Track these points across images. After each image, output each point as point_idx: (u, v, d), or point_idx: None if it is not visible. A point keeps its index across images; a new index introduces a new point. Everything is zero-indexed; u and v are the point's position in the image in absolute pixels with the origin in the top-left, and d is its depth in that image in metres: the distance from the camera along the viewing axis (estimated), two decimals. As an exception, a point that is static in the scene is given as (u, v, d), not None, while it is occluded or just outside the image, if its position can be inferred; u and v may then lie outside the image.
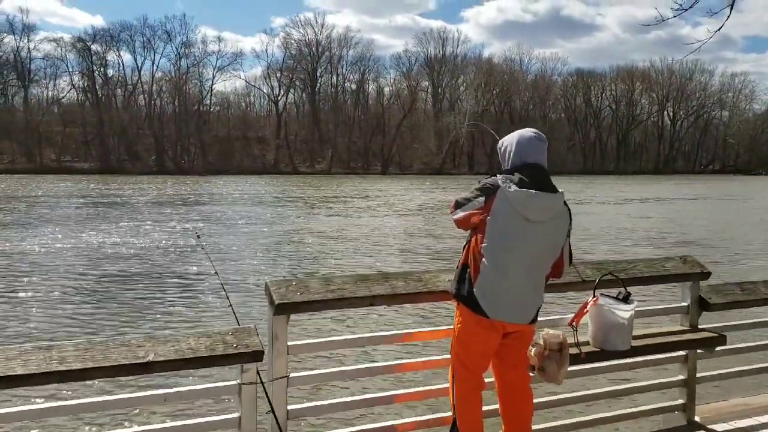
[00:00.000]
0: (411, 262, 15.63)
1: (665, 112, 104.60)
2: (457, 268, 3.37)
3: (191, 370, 4.05)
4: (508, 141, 3.39)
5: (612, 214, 29.90)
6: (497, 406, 3.52)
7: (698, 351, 4.10)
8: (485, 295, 3.22)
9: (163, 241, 18.29)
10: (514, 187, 3.16)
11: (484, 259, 3.21)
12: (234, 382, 3.04)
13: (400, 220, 25.79)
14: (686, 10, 6.25)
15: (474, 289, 3.23)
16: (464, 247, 3.37)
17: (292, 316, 3.24)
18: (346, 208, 31.34)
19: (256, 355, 2.96)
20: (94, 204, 32.45)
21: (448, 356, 3.50)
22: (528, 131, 3.40)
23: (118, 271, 13.86)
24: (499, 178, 3.23)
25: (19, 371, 2.60)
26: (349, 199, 37.98)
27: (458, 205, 3.34)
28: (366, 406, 3.92)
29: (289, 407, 3.20)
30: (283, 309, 3.15)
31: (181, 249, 16.88)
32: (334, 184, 55.91)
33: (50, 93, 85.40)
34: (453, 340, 3.39)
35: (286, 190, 46.87)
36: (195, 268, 14.06)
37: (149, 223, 23.44)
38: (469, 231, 3.34)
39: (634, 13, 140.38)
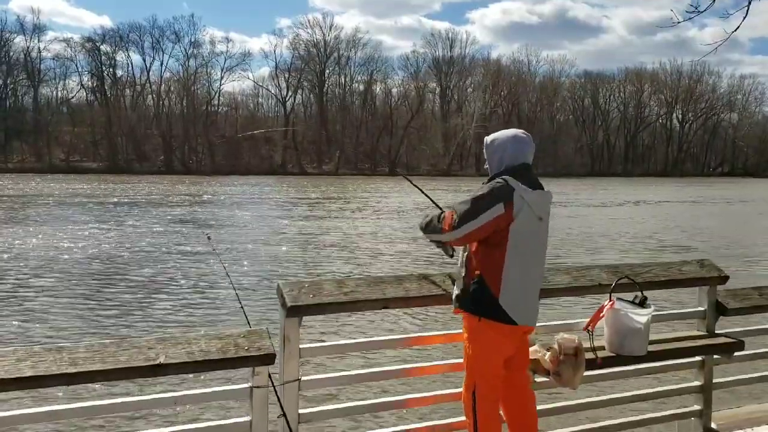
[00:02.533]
0: (424, 264, 15.58)
1: (674, 114, 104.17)
2: (467, 281, 3.19)
3: (201, 372, 4.02)
4: (503, 140, 3.26)
5: (621, 216, 29.75)
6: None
7: (715, 357, 4.04)
8: (512, 303, 3.12)
9: (173, 243, 18.28)
10: (528, 189, 3.11)
11: (507, 267, 3.10)
12: (245, 386, 3.01)
13: (409, 222, 25.74)
14: (701, 12, 6.18)
15: (499, 300, 3.10)
16: (466, 257, 3.22)
17: (304, 319, 3.20)
18: (356, 209, 31.31)
19: (268, 358, 2.93)
20: (103, 204, 32.53)
21: (460, 360, 3.44)
22: (519, 131, 3.32)
23: (129, 272, 13.86)
24: (510, 180, 3.10)
25: (29, 373, 2.57)
26: (358, 200, 37.94)
27: (466, 218, 3.07)
28: (378, 411, 3.87)
29: (301, 411, 3.15)
30: (295, 311, 3.11)
31: (191, 250, 16.87)
32: (341, 184, 55.88)
33: (59, 93, 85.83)
34: (470, 360, 3.23)
35: (295, 191, 46.87)
36: (206, 269, 14.03)
37: (159, 224, 23.46)
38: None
39: (640, 15, 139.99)
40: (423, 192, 3.61)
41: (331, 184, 55.38)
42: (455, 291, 3.27)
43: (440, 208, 3.39)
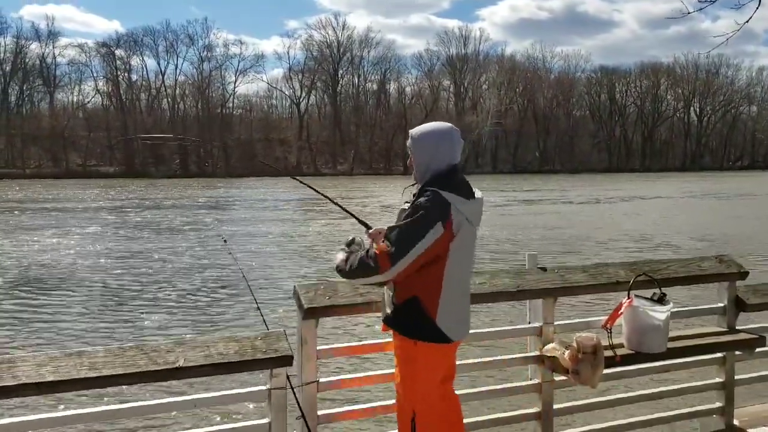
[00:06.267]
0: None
1: (691, 108, 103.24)
2: (399, 301, 2.89)
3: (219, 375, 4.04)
4: (433, 138, 2.93)
5: (639, 212, 29.52)
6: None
7: (736, 353, 4.00)
8: (449, 321, 2.89)
9: (190, 246, 18.38)
10: (464, 200, 2.83)
11: (445, 286, 2.85)
12: (263, 387, 3.02)
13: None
14: (713, 2, 6.12)
15: (437, 321, 2.85)
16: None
17: (321, 320, 3.21)
18: (370, 209, 31.32)
19: (286, 360, 2.94)
20: (120, 208, 32.81)
21: (481, 359, 3.42)
22: (447, 126, 2.99)
23: (145, 275, 13.95)
24: (443, 193, 2.79)
25: (50, 378, 2.61)
26: (370, 200, 37.96)
27: (403, 249, 2.73)
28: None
29: (319, 412, 3.16)
30: (311, 313, 3.12)
31: (207, 253, 16.95)
32: (355, 185, 55.92)
33: (75, 98, 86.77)
34: (407, 385, 2.97)
35: (309, 191, 46.94)
36: (222, 272, 14.08)
37: (175, 227, 23.61)
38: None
39: (651, 9, 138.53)
40: (333, 201, 3.35)
41: (345, 185, 55.44)
42: (386, 310, 3.00)
43: (361, 222, 3.17)
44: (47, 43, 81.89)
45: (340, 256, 2.94)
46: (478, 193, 2.96)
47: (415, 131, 3.00)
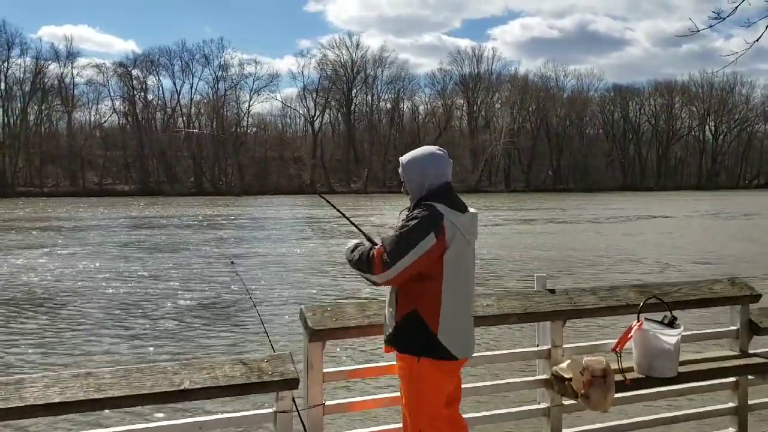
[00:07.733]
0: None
1: (706, 126, 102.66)
2: (399, 317, 2.94)
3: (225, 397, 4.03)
4: (421, 160, 3.09)
5: (652, 232, 29.31)
6: None
7: (749, 377, 3.94)
8: (452, 336, 2.90)
9: (197, 266, 18.36)
10: (458, 213, 2.93)
11: (444, 299, 2.89)
12: (269, 410, 3.01)
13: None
14: (723, 19, 6.14)
15: (438, 336, 2.87)
16: (395, 292, 2.98)
17: (328, 343, 3.20)
18: (380, 227, 31.32)
19: (292, 383, 2.94)
20: (132, 227, 33.01)
21: (489, 383, 3.40)
22: (435, 148, 3.13)
23: (152, 296, 13.94)
24: (437, 206, 2.91)
25: (57, 399, 2.63)
26: (382, 217, 37.96)
27: (396, 256, 2.83)
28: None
29: (326, 435, 3.15)
30: (318, 336, 3.12)
31: (214, 274, 16.91)
32: (369, 203, 55.97)
33: (92, 117, 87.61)
34: (412, 405, 2.95)
35: (322, 210, 47.05)
36: (229, 293, 14.04)
37: (184, 247, 23.62)
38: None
39: (663, 27, 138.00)
40: (345, 216, 3.32)
41: (358, 203, 55.52)
42: (387, 329, 3.05)
43: (365, 235, 3.18)
44: (66, 63, 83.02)
45: (351, 243, 3.11)
46: (471, 209, 3.05)
47: (404, 158, 3.17)
